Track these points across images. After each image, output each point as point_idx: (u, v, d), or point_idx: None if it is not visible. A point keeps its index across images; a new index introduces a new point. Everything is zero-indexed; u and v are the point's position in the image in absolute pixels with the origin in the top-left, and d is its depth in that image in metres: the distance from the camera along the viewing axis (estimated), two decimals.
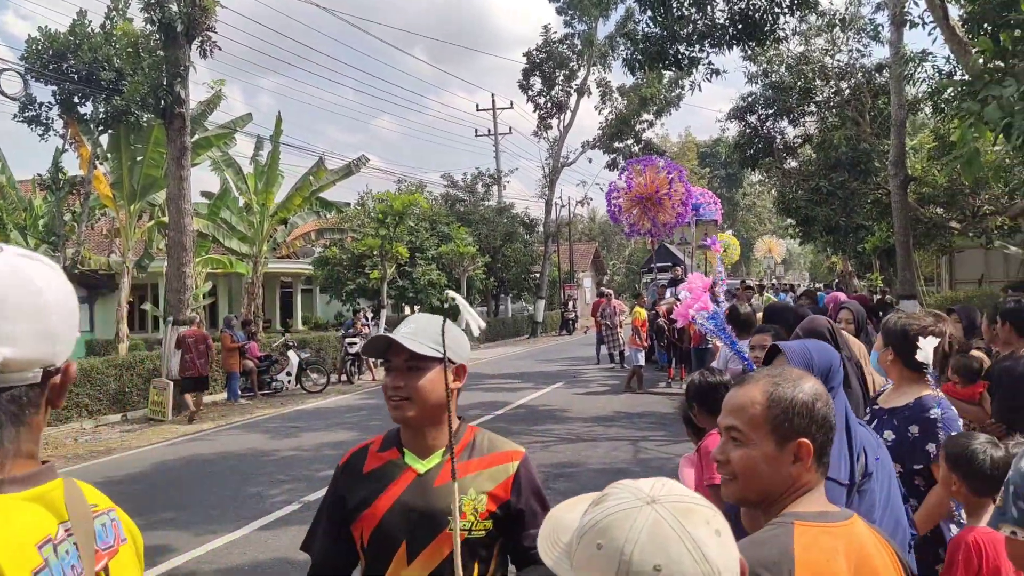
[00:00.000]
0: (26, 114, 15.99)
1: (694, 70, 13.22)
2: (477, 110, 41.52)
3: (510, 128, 42.96)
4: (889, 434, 2.99)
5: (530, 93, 35.64)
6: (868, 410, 3.22)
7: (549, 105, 35.89)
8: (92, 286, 24.66)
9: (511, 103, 43.00)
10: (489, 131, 40.65)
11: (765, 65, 19.75)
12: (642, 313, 15.57)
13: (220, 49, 14.32)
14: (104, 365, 15.00)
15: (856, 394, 3.01)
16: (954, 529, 2.89)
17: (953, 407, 3.01)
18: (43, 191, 18.90)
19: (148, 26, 14.32)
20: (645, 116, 36.43)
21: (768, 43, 13.92)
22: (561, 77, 35.55)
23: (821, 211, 18.40)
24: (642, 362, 15.35)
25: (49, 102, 16.17)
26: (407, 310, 31.65)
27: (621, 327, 19.37)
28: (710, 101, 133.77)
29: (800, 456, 1.51)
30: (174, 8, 13.57)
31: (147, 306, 24.65)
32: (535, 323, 36.82)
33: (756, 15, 12.20)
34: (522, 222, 37.28)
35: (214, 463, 10.05)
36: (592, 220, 64.25)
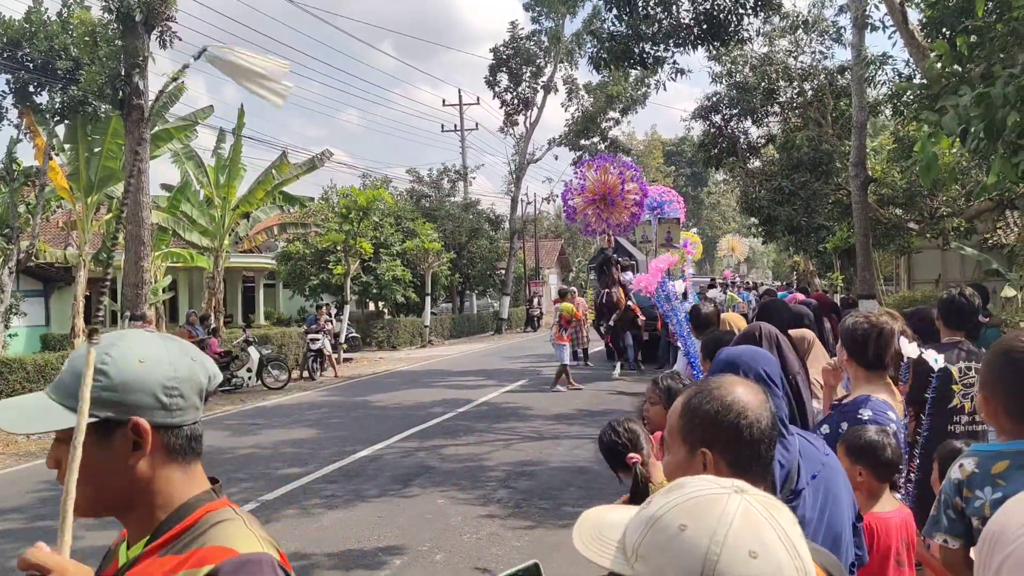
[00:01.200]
0: None
1: (659, 69, 13.27)
2: (444, 105, 41.39)
3: (476, 124, 42.87)
4: (825, 427, 3.03)
5: (497, 89, 35.62)
6: (832, 407, 3.25)
7: (516, 102, 35.89)
8: (47, 279, 24.10)
9: (478, 99, 42.95)
10: (456, 127, 40.53)
11: (729, 65, 19.92)
12: (568, 308, 15.47)
13: (180, 39, 14.07)
14: (59, 360, 14.66)
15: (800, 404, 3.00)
16: None
17: (893, 412, 3.02)
18: None
19: (106, 15, 14.02)
20: (611, 114, 36.62)
21: (732, 44, 14.03)
22: (528, 74, 35.56)
23: (783, 211, 18.61)
24: (567, 359, 15.20)
25: (3, 91, 15.78)
26: (371, 306, 31.45)
27: (584, 324, 19.39)
28: (676, 100, 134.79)
29: (706, 465, 1.51)
30: None
31: (105, 300, 24.14)
32: (500, 320, 36.82)
33: (721, 16, 12.27)
34: (488, 218, 37.22)
35: None
36: (558, 217, 64.27)
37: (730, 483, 0.95)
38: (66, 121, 16.22)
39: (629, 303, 17.50)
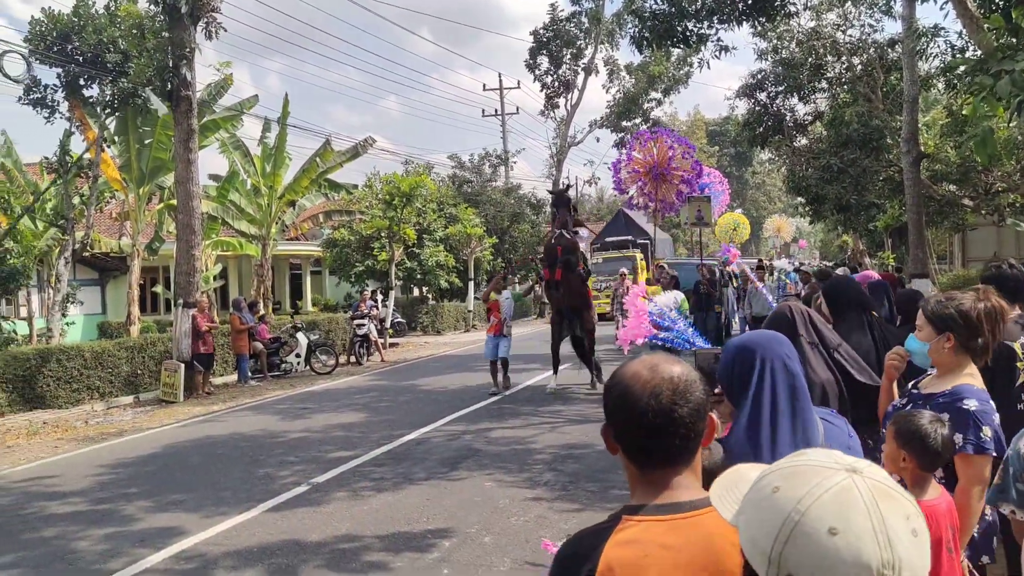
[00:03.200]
0: (31, 96, 15.97)
1: (703, 47, 13.05)
2: (484, 90, 41.31)
3: (517, 108, 42.79)
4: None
5: (537, 72, 35.46)
6: (906, 394, 3.11)
7: (556, 84, 35.69)
8: (103, 269, 24.74)
9: (518, 83, 42.90)
10: (496, 111, 40.43)
11: (775, 41, 19.51)
12: (492, 295, 13.11)
13: (226, 31, 14.24)
14: (116, 347, 15.06)
15: (818, 384, 2.91)
16: None
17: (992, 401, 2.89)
18: (50, 174, 18.89)
19: (152, 7, 14.24)
20: (653, 94, 36.24)
21: (779, 18, 13.73)
22: (568, 56, 35.31)
23: (832, 189, 18.23)
24: (502, 353, 12.71)
25: (54, 84, 16.14)
26: (415, 291, 31.66)
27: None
28: (720, 79, 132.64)
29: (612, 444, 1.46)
30: None
31: (158, 288, 24.72)
32: (542, 304, 36.79)
33: None
34: (529, 202, 37.14)
35: (224, 444, 10.09)
36: (600, 200, 63.97)
37: (849, 462, 0.93)
38: (116, 113, 16.54)
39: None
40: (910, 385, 3.15)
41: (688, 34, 12.47)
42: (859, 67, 19.17)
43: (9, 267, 16.70)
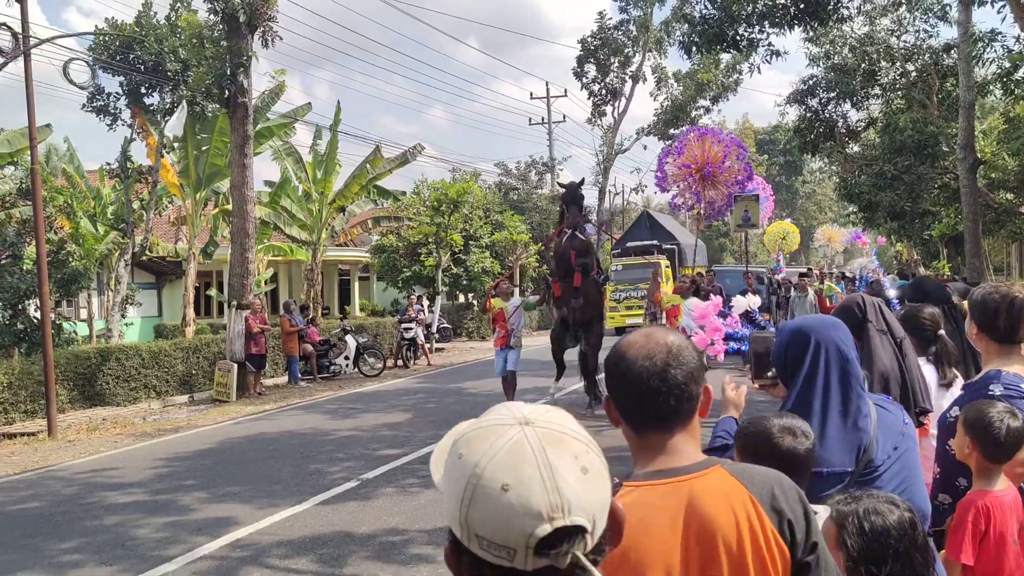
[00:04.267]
0: (94, 104, 16.53)
1: (753, 52, 12.99)
2: (531, 98, 41.49)
3: (564, 116, 42.84)
4: (956, 410, 2.92)
5: (584, 80, 35.48)
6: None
7: (603, 92, 35.67)
8: (160, 272, 25.43)
9: (565, 91, 42.92)
10: (543, 119, 40.55)
11: (827, 46, 19.30)
12: (496, 303, 11.23)
13: (281, 39, 14.60)
14: (172, 348, 15.49)
15: (882, 371, 2.90)
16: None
17: None
18: (112, 180, 19.51)
19: (212, 17, 14.65)
20: (701, 102, 35.98)
21: (831, 23, 13.60)
22: (616, 64, 35.28)
23: (885, 197, 17.93)
24: (511, 366, 11.00)
25: (116, 92, 16.68)
26: (461, 297, 31.86)
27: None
28: (769, 85, 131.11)
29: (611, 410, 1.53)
30: None
31: (212, 291, 25.31)
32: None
33: None
34: None
35: (276, 441, 10.32)
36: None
37: (522, 415, 0.96)
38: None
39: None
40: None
41: (739, 38, 12.43)
42: (913, 73, 18.88)
43: (71, 269, 17.28)
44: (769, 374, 2.51)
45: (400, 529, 6.35)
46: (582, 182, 12.13)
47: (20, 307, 16.23)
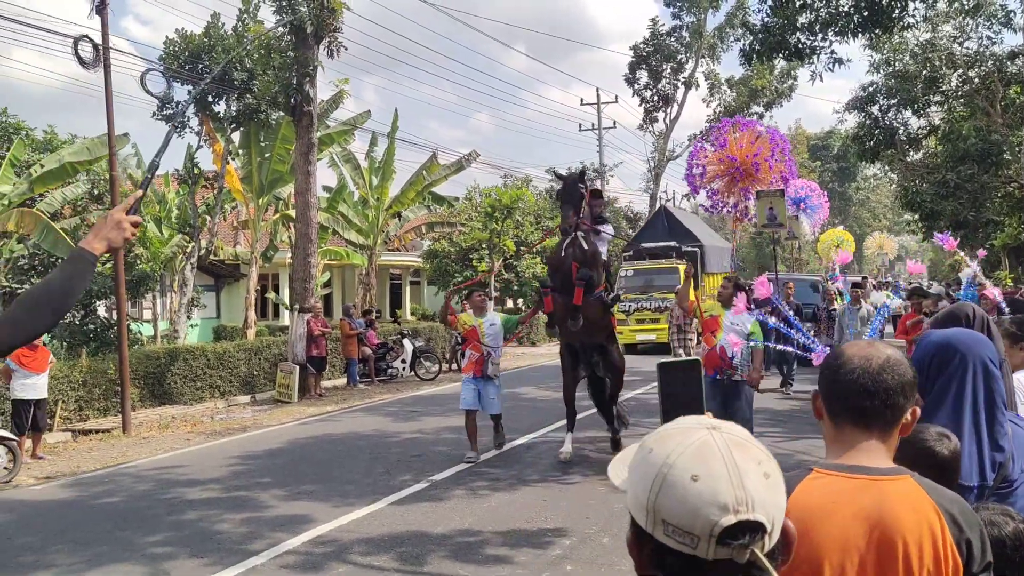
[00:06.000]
0: (164, 112, 17.09)
1: (815, 59, 12.93)
2: (582, 104, 41.47)
3: (615, 122, 42.71)
4: None
5: (636, 87, 35.51)
6: None
7: (655, 98, 35.66)
8: (219, 275, 26.07)
9: (616, 97, 42.77)
10: (593, 125, 40.58)
11: (889, 54, 19.06)
12: (467, 319, 9.20)
13: (346, 49, 14.93)
14: (235, 349, 15.92)
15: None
16: None
17: None
18: (178, 184, 20.11)
19: (280, 28, 15.06)
20: (755, 108, 35.72)
21: (895, 31, 13.48)
22: (668, 70, 35.26)
23: (947, 205, 17.65)
24: (490, 408, 9.16)
25: (186, 101, 17.23)
26: (509, 303, 32.02)
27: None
28: (822, 92, 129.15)
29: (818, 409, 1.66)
30: (304, 10, 14.23)
31: (270, 294, 25.88)
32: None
33: (883, 1, 11.84)
34: (626, 216, 37.13)
35: (343, 442, 10.57)
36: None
37: (709, 423, 1.08)
38: (241, 128, 17.52)
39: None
40: None
41: (800, 46, 12.39)
42: (976, 80, 18.54)
43: (139, 272, 17.88)
44: None
45: (474, 530, 6.51)
46: (583, 174, 9.60)
47: (91, 307, 16.86)
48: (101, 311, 17.45)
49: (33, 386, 10.36)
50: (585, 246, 8.78)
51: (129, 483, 8.77)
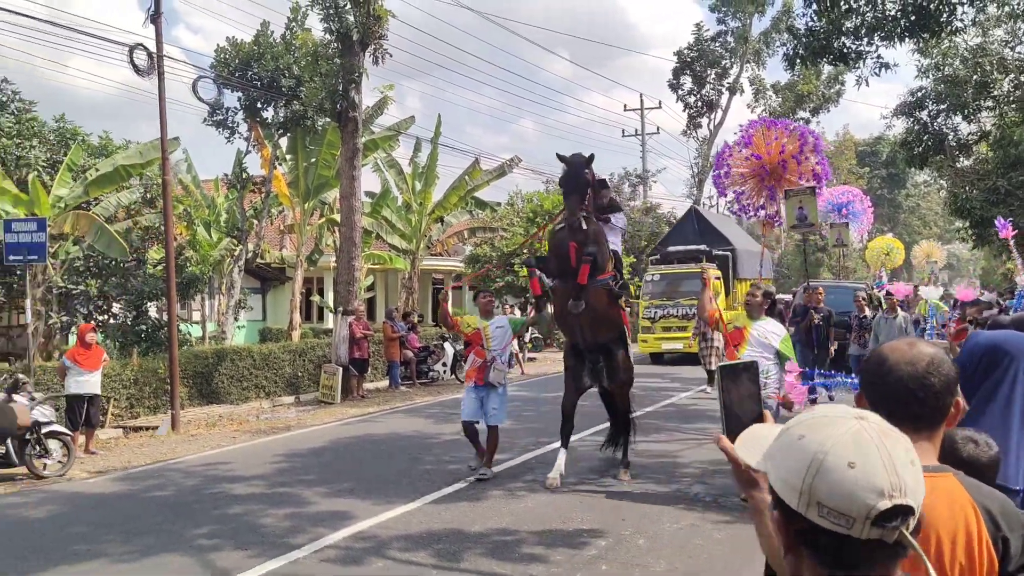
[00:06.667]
0: (214, 118, 17.52)
1: (861, 64, 12.77)
2: (625, 110, 41.42)
3: (658, 128, 42.65)
4: None
5: (680, 92, 35.34)
6: None
7: (699, 104, 35.45)
8: (265, 278, 26.57)
9: (659, 103, 42.64)
10: (636, 131, 40.49)
11: (938, 58, 18.73)
12: (470, 321, 8.89)
13: (391, 56, 15.18)
14: (280, 351, 16.24)
15: None
16: None
17: None
18: (227, 189, 20.58)
19: (326, 35, 15.37)
20: (801, 114, 35.29)
21: (943, 35, 13.26)
22: (712, 75, 35.03)
23: (998, 212, 17.24)
24: (492, 420, 8.49)
25: (235, 107, 17.64)
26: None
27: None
28: (870, 97, 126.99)
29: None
30: (351, 18, 14.51)
31: (315, 297, 26.29)
32: None
33: (931, 5, 11.66)
34: (668, 222, 36.88)
35: (384, 442, 10.75)
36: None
37: (857, 412, 1.14)
38: (288, 134, 17.88)
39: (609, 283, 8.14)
40: None
41: (846, 51, 12.25)
42: None
43: (189, 274, 18.33)
44: None
45: (511, 529, 6.59)
46: (591, 159, 8.27)
47: (143, 309, 17.34)
48: (152, 312, 17.93)
49: (86, 383, 10.71)
50: (585, 226, 7.80)
51: (177, 478, 9.03)
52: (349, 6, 14.62)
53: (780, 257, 57.70)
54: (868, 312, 14.10)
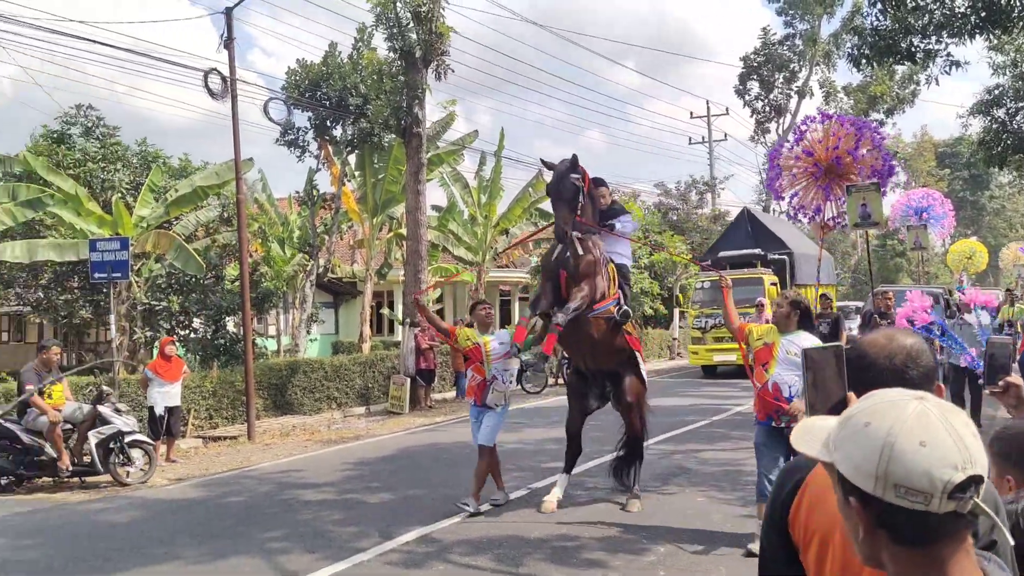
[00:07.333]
0: (286, 138, 18.14)
1: (930, 63, 12.44)
2: (691, 117, 41.06)
3: (725, 134, 42.02)
4: None
5: (747, 98, 34.90)
6: None
7: (767, 109, 34.93)
8: (337, 292, 27.24)
9: (727, 109, 42.12)
10: (703, 138, 40.06)
11: (1014, 54, 18.07)
12: (469, 334, 7.81)
13: (453, 71, 15.48)
14: (351, 363, 16.65)
15: None
16: None
17: None
18: (298, 206, 21.22)
19: (390, 54, 15.77)
20: (874, 115, 34.40)
21: (1016, 30, 12.82)
22: (780, 79, 34.49)
23: None
24: (483, 439, 7.69)
25: (305, 127, 18.23)
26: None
27: None
28: (950, 95, 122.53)
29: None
30: (413, 36, 14.87)
31: (385, 310, 26.82)
32: None
33: (1002, 1, 11.31)
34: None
35: (449, 450, 10.92)
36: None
37: (913, 393, 1.18)
38: (356, 151, 18.37)
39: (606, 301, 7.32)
40: None
41: (913, 50, 11.95)
42: None
43: (264, 289, 18.95)
44: (1000, 382, 2.49)
45: (571, 535, 6.65)
46: (574, 162, 7.26)
47: (221, 323, 17.99)
48: (230, 326, 18.59)
49: (167, 394, 11.21)
50: (580, 251, 7.01)
51: (251, 485, 9.37)
52: (412, 24, 14.99)
53: (856, 263, 56.17)
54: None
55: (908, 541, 1.14)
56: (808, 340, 5.77)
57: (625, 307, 7.47)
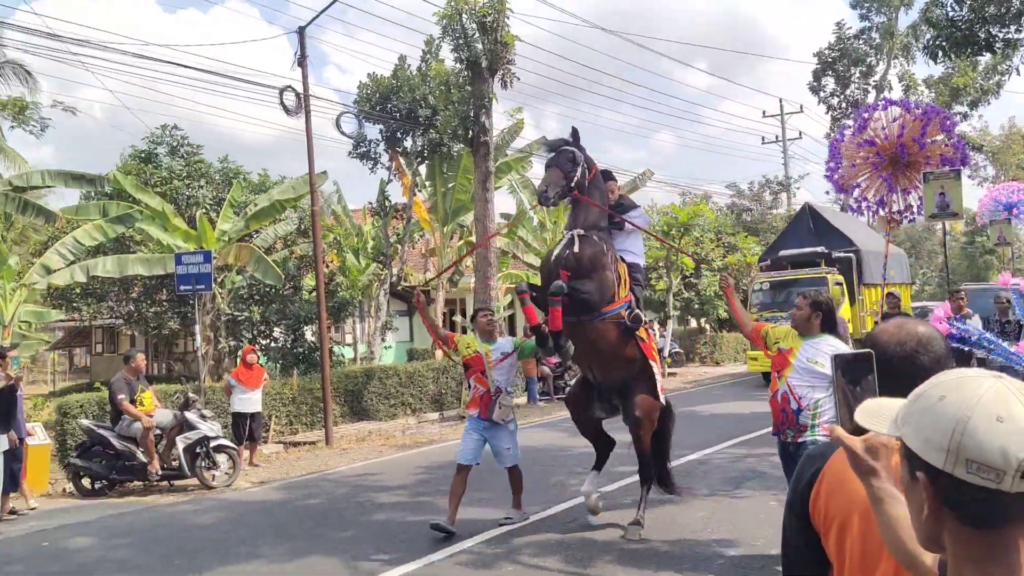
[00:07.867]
0: (359, 151, 18.60)
1: (1011, 53, 12.01)
2: (764, 116, 40.31)
3: (800, 133, 41.10)
4: None
5: (821, 95, 34.08)
6: None
7: (843, 105, 34.02)
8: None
9: (800, 107, 41.15)
10: (776, 138, 39.28)
11: None
12: (470, 342, 7.38)
13: (519, 79, 15.66)
14: (425, 369, 16.94)
15: None
16: None
17: None
18: (372, 217, 21.71)
19: (457, 64, 16.04)
20: (958, 108, 33.14)
21: None
22: (856, 74, 33.56)
23: None
24: (505, 459, 7.50)
25: (376, 139, 18.67)
26: (692, 322, 31.52)
27: None
28: None
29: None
30: (479, 46, 15.10)
31: (457, 317, 27.14)
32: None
33: None
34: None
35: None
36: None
37: (990, 373, 1.16)
38: (426, 161, 18.72)
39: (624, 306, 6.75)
40: None
41: (992, 40, 11.57)
42: None
43: (340, 299, 19.46)
44: None
45: (642, 538, 6.66)
46: (574, 133, 7.02)
47: (299, 332, 18.54)
48: (309, 335, 19.15)
49: (249, 400, 11.65)
50: (591, 245, 6.51)
51: (329, 488, 9.66)
52: (478, 35, 15.23)
53: (943, 262, 53.99)
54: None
55: (975, 522, 1.10)
56: (832, 345, 5.32)
57: (637, 311, 6.78)
